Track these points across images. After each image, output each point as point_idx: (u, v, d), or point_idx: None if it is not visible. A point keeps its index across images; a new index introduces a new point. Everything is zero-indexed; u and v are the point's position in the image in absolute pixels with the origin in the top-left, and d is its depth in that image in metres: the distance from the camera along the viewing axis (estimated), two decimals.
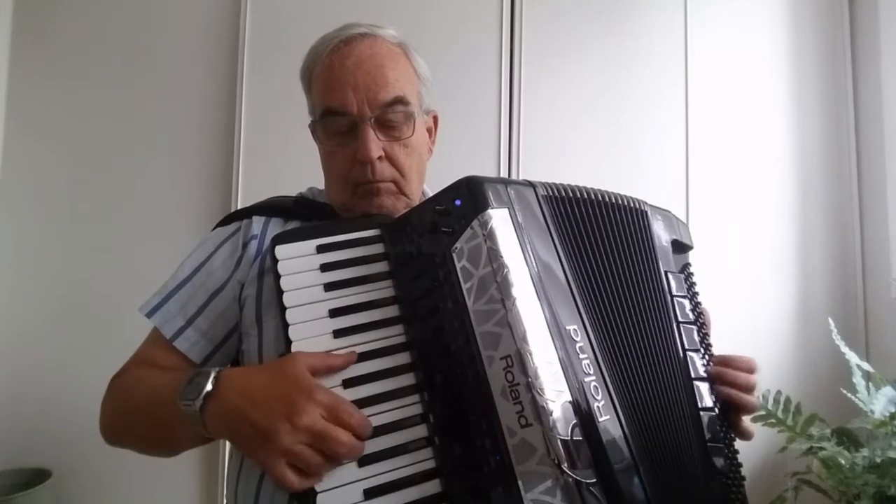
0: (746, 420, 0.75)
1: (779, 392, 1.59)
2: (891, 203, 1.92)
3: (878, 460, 1.46)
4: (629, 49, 1.97)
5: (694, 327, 0.74)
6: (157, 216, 1.92)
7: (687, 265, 0.80)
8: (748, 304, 1.92)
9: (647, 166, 1.94)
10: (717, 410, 0.71)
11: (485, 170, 1.84)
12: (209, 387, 0.62)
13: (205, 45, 1.94)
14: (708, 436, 0.68)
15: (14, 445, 1.82)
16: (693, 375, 0.70)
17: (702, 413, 0.69)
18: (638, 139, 1.95)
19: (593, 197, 0.73)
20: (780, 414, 1.57)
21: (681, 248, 0.80)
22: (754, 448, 1.80)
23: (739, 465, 0.71)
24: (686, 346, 0.72)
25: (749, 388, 0.74)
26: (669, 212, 0.81)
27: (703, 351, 0.74)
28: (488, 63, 1.92)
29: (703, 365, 0.73)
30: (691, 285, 0.78)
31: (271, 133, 1.85)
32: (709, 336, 0.77)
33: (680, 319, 0.73)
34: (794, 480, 1.63)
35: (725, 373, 0.73)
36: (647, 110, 1.96)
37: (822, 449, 1.53)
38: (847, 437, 1.61)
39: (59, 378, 1.86)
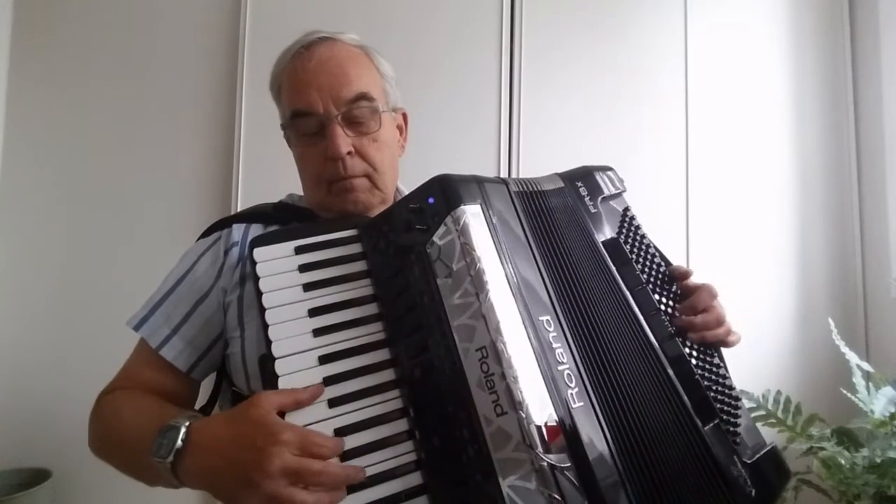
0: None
1: (779, 392, 1.58)
2: (891, 203, 1.90)
3: (878, 460, 1.45)
4: (629, 46, 1.97)
5: (647, 288, 0.75)
6: (157, 216, 1.93)
7: (627, 210, 0.81)
8: (748, 304, 1.91)
9: (647, 166, 1.94)
10: (692, 361, 0.71)
11: (485, 170, 1.84)
12: (179, 444, 0.62)
13: (205, 45, 1.96)
14: (689, 396, 0.67)
15: (14, 445, 1.83)
16: (662, 337, 0.71)
17: (672, 371, 0.68)
18: (637, 139, 1.95)
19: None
20: (780, 414, 1.56)
21: (613, 198, 0.81)
22: None
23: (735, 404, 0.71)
24: (647, 310, 0.72)
25: (720, 323, 0.77)
26: (589, 168, 0.83)
27: (663, 310, 0.74)
28: (488, 62, 1.92)
29: (668, 324, 0.73)
30: (635, 240, 0.78)
31: (271, 133, 1.84)
32: (672, 287, 0.78)
33: (631, 286, 0.73)
34: (794, 480, 1.62)
35: (694, 322, 0.75)
36: (646, 109, 1.95)
37: (822, 449, 1.52)
38: (847, 437, 1.59)
39: (59, 378, 1.87)
